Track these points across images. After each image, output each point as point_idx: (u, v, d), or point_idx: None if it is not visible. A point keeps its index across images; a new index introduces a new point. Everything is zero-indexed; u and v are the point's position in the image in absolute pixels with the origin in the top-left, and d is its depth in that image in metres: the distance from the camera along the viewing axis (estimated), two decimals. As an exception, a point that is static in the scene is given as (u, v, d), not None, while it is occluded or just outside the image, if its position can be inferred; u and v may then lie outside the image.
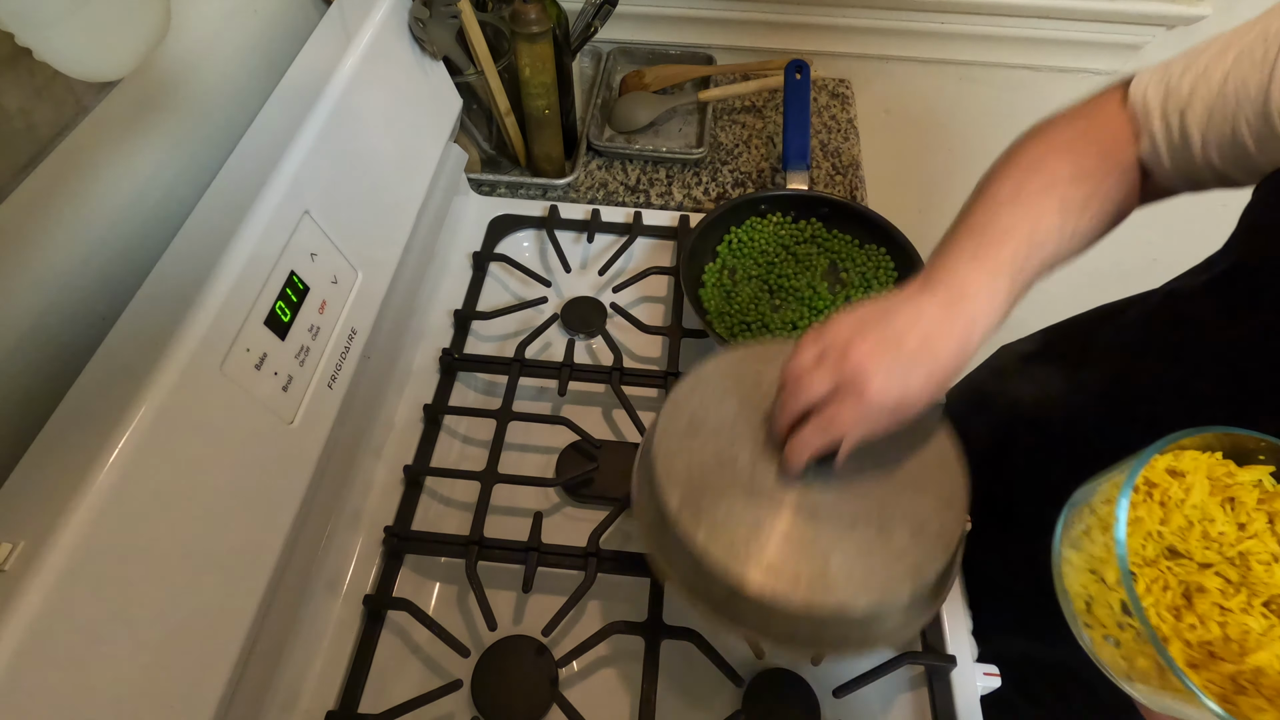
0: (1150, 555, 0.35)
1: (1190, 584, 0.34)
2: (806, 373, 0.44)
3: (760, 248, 0.76)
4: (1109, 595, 0.34)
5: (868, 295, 0.72)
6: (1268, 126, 0.43)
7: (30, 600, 0.33)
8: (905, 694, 0.56)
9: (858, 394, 0.42)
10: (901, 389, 0.42)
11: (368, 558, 0.60)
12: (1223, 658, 0.32)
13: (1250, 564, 0.34)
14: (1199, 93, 0.47)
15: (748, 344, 0.53)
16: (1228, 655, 0.32)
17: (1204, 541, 0.35)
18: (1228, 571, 0.34)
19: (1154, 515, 0.35)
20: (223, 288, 0.44)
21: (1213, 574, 0.34)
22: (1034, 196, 0.48)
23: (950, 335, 0.43)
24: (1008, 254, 0.46)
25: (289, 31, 0.67)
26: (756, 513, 0.45)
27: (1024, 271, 0.46)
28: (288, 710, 0.52)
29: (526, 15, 0.71)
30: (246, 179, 0.50)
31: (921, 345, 0.43)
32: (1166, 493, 0.36)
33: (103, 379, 0.41)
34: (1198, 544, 0.35)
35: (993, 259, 0.46)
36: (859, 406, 0.42)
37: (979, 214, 0.48)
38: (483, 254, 0.78)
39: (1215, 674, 0.32)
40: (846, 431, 0.43)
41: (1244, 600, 0.33)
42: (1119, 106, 0.52)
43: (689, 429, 0.48)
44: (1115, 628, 0.34)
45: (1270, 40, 0.43)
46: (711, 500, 0.45)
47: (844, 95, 1.01)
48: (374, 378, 0.63)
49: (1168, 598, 0.34)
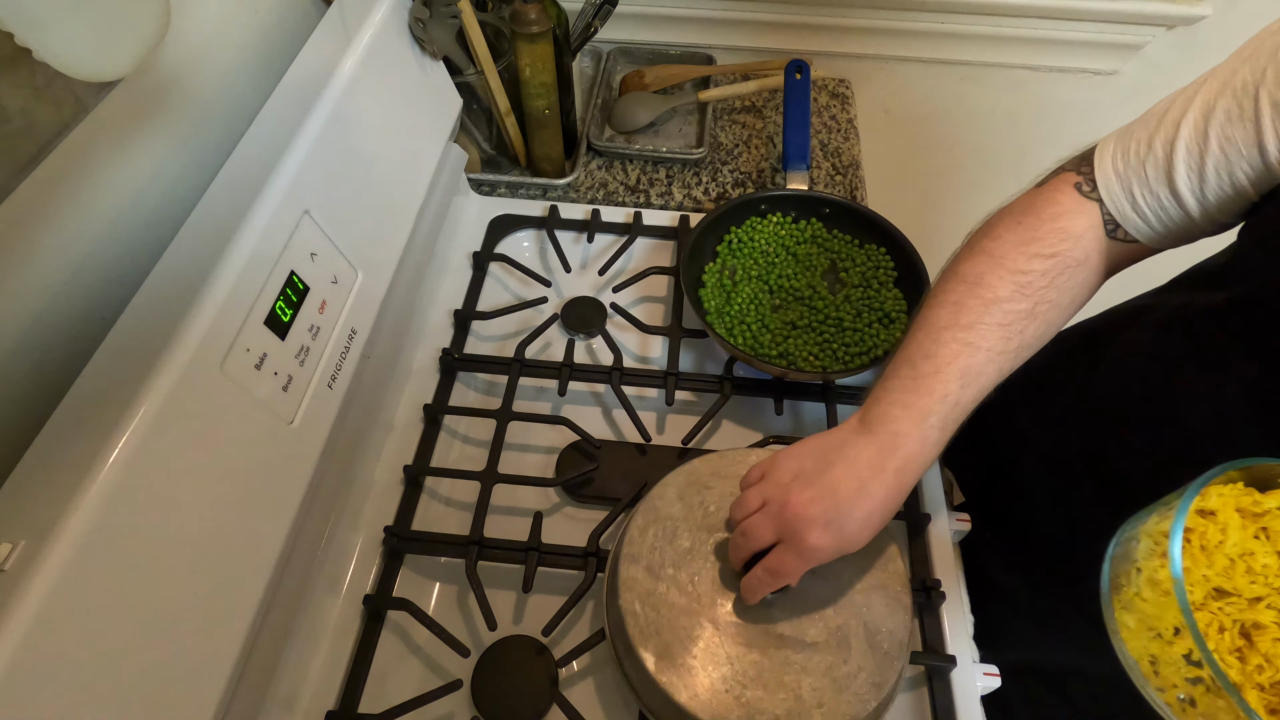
0: (1199, 600, 0.34)
1: (1245, 622, 0.33)
2: (752, 524, 0.48)
3: (760, 248, 0.76)
4: (1171, 650, 0.33)
5: (867, 295, 0.72)
6: (1270, 175, 0.43)
7: (30, 600, 0.33)
8: (905, 694, 0.56)
9: (798, 545, 0.45)
10: (838, 536, 0.45)
11: (368, 558, 0.60)
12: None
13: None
14: (1180, 154, 0.45)
15: (684, 468, 0.56)
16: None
17: (1249, 577, 0.34)
18: (1278, 603, 0.33)
19: (1197, 561, 0.35)
20: (223, 288, 0.44)
21: (1264, 607, 0.33)
22: (973, 320, 0.48)
23: (883, 480, 0.46)
24: (938, 394, 0.47)
25: (289, 32, 0.67)
26: (728, 649, 0.48)
27: (957, 408, 0.47)
28: (288, 710, 0.52)
29: (526, 15, 0.71)
30: (246, 179, 0.50)
31: (857, 492, 0.45)
32: (1205, 535, 0.35)
33: (103, 379, 0.41)
34: (1243, 580, 0.34)
35: (924, 401, 0.47)
36: (800, 555, 0.46)
37: (917, 343, 0.49)
38: (483, 254, 0.78)
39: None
40: (791, 576, 0.47)
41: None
42: (1072, 195, 0.50)
43: (649, 573, 0.51)
44: (1186, 684, 0.33)
45: (1239, 85, 0.43)
46: (683, 647, 0.48)
47: (844, 95, 1.01)
48: (374, 378, 0.63)
49: (1227, 640, 0.33)
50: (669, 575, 0.51)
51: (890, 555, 0.52)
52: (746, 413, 0.71)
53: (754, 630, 0.49)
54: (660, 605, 0.49)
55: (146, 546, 0.38)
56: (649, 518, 0.53)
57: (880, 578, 0.51)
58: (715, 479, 0.55)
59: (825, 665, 0.48)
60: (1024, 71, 1.07)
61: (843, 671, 0.48)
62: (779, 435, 0.65)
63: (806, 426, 0.70)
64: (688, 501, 0.54)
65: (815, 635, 0.49)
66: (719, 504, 0.53)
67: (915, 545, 0.61)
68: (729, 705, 0.46)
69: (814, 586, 0.51)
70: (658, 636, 0.48)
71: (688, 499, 0.54)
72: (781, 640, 0.49)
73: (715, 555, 0.51)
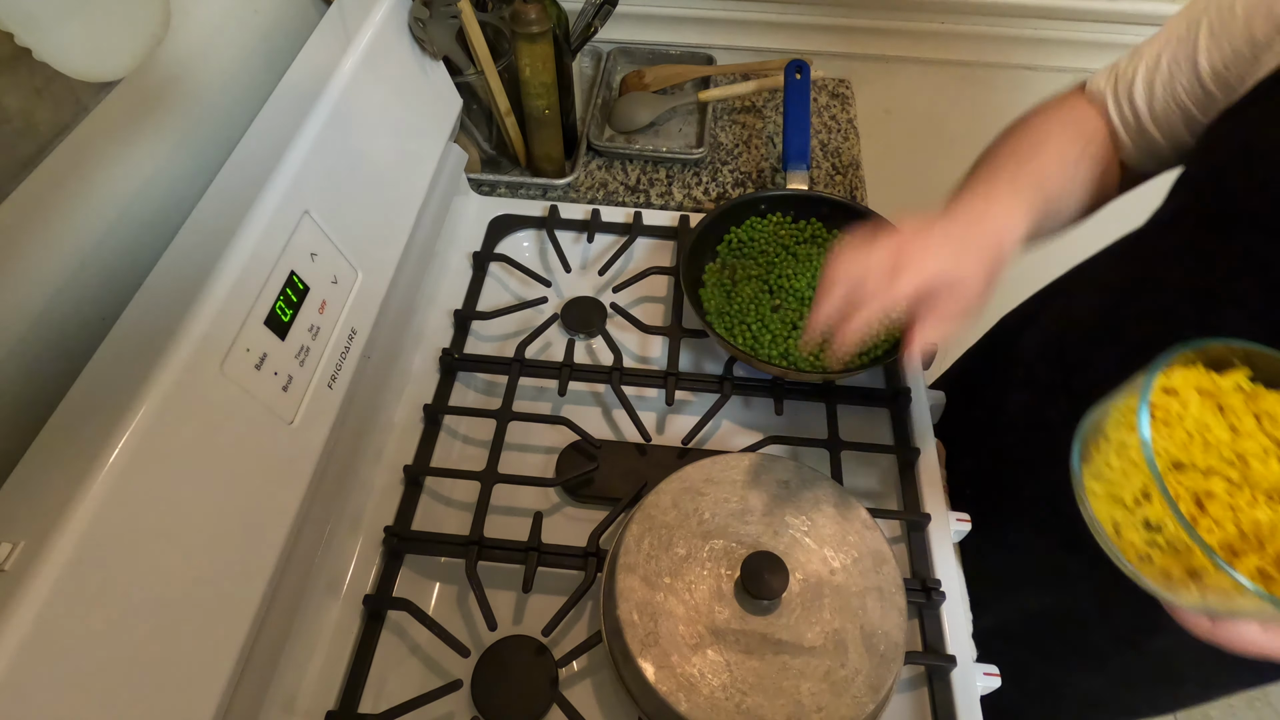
0: (1161, 470, 0.37)
1: (1199, 491, 0.36)
2: (861, 261, 0.47)
3: (760, 248, 0.76)
4: (1133, 517, 0.36)
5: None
6: (1204, 91, 0.52)
7: (30, 600, 0.33)
8: (905, 694, 0.56)
9: (916, 269, 0.46)
10: (955, 264, 0.46)
11: (368, 557, 0.60)
12: (1242, 553, 0.34)
13: (1249, 462, 0.37)
14: (1140, 73, 0.56)
15: (678, 474, 0.56)
16: (1246, 549, 0.34)
17: (1205, 450, 0.37)
18: (1229, 473, 0.36)
19: (1159, 434, 0.38)
20: (223, 288, 0.44)
21: (1218, 479, 0.36)
22: (1030, 151, 0.55)
23: (984, 239, 0.48)
24: (1019, 184, 0.52)
25: (289, 31, 0.67)
26: (727, 656, 0.48)
27: (1036, 197, 0.51)
28: (288, 710, 0.52)
29: (526, 15, 0.71)
30: (246, 179, 0.50)
31: (966, 231, 0.48)
32: (1167, 410, 0.38)
33: (103, 379, 0.41)
34: (1200, 454, 0.37)
35: (1005, 187, 0.52)
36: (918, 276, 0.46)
37: (981, 172, 0.54)
38: (483, 254, 0.78)
39: (1241, 569, 0.34)
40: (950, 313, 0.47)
41: (1249, 496, 0.36)
42: (1083, 98, 0.60)
43: (646, 582, 0.51)
44: (1145, 546, 0.36)
45: (1192, 18, 0.53)
46: (682, 656, 0.48)
47: (844, 95, 1.01)
48: (374, 378, 0.63)
49: (1183, 509, 0.35)
50: (665, 584, 0.51)
51: (884, 556, 0.52)
52: (746, 413, 0.71)
53: (752, 636, 0.49)
54: (658, 614, 0.49)
55: (146, 546, 0.38)
56: (644, 526, 0.53)
57: (875, 580, 0.51)
58: (709, 485, 0.55)
59: (823, 669, 0.48)
60: (1024, 71, 1.07)
61: (840, 675, 0.48)
62: (779, 435, 0.65)
63: (806, 426, 0.70)
64: (682, 509, 0.54)
65: (812, 639, 0.49)
66: (713, 510, 0.53)
67: (915, 545, 0.61)
68: (729, 713, 0.46)
69: (806, 589, 0.51)
70: (656, 646, 0.48)
71: (682, 506, 0.54)
72: (779, 646, 0.49)
73: (711, 561, 0.51)
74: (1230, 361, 0.40)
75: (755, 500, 0.54)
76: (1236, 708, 1.40)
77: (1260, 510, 0.35)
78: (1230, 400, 0.39)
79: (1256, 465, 0.37)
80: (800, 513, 0.53)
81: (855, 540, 0.52)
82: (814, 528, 0.53)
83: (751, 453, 0.59)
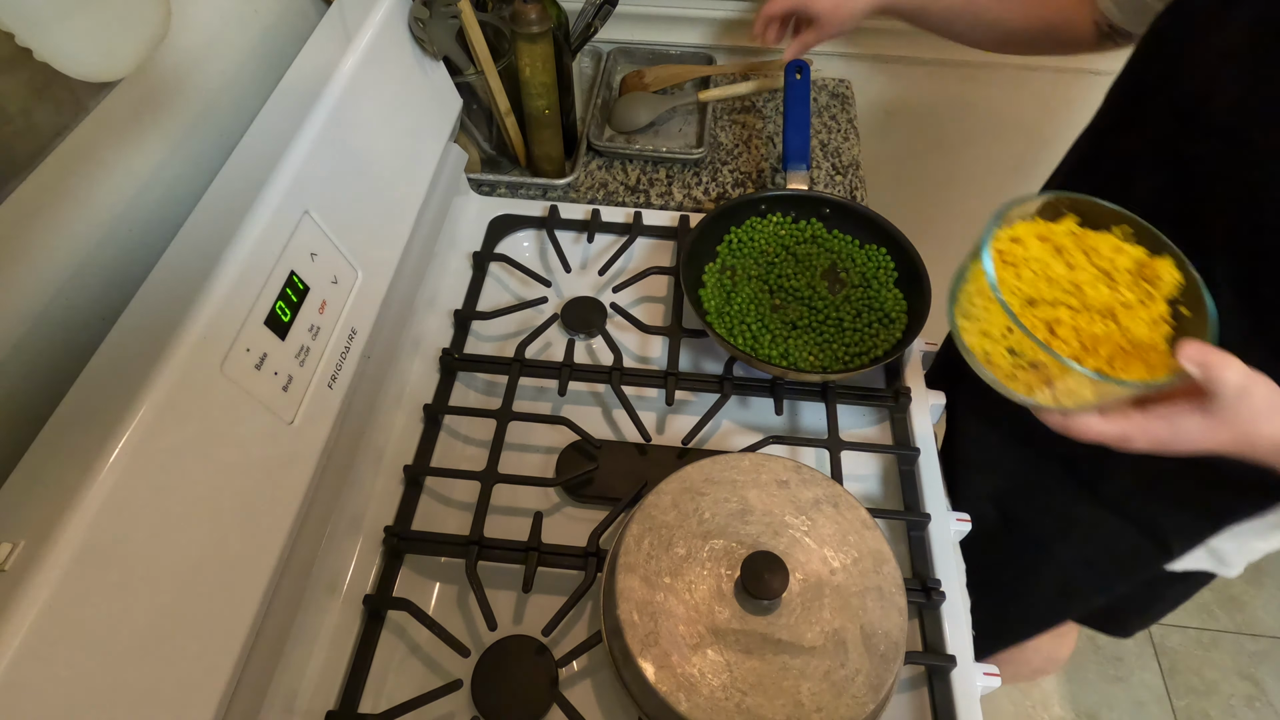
0: (1016, 309, 0.45)
1: (1049, 320, 0.45)
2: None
3: (760, 248, 0.76)
4: (999, 346, 0.45)
5: (867, 295, 0.72)
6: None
7: (30, 600, 0.33)
8: (905, 694, 0.56)
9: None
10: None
11: (368, 557, 0.60)
12: (1083, 360, 0.43)
13: (1084, 290, 0.46)
14: None
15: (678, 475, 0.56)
16: (1086, 357, 0.44)
17: (1049, 285, 0.46)
18: (1070, 301, 0.45)
19: (1010, 274, 0.46)
20: (223, 288, 0.44)
21: (1063, 308, 0.45)
22: None
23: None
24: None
25: (289, 32, 0.67)
26: (727, 656, 0.48)
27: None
28: (288, 710, 0.52)
29: (526, 15, 0.71)
30: (246, 179, 0.50)
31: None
32: (1014, 254, 0.47)
33: (103, 379, 0.41)
34: (1045, 289, 0.46)
35: None
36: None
37: None
38: (483, 254, 0.78)
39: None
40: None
41: (1087, 318, 0.45)
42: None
43: (646, 582, 0.51)
44: (1011, 368, 0.45)
45: None
46: (682, 656, 0.48)
47: (844, 95, 1.01)
48: (374, 377, 0.63)
49: (1039, 336, 0.44)
50: (665, 584, 0.51)
51: (884, 556, 0.52)
52: (746, 413, 0.71)
53: (752, 637, 0.49)
54: (658, 614, 0.49)
55: (147, 546, 0.38)
56: (644, 526, 0.53)
57: (875, 580, 0.51)
58: (709, 485, 0.54)
59: (823, 669, 0.48)
60: (1024, 71, 1.07)
61: (840, 675, 0.48)
62: (779, 435, 0.65)
63: (806, 426, 0.70)
64: (682, 509, 0.54)
65: (813, 639, 0.49)
66: (713, 510, 0.53)
67: (915, 545, 0.61)
68: (729, 713, 0.46)
69: (810, 590, 0.51)
70: (656, 646, 0.48)
71: (682, 506, 0.54)
72: (779, 646, 0.49)
73: (711, 561, 0.51)
74: (1061, 211, 0.48)
75: (755, 500, 0.54)
76: (1236, 708, 1.40)
77: (1096, 325, 0.45)
78: (1064, 242, 0.47)
79: (1089, 291, 0.46)
80: (800, 513, 0.53)
81: (855, 540, 0.52)
82: (814, 528, 0.53)
83: (751, 453, 0.59)
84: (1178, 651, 1.46)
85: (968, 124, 1.15)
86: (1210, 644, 1.47)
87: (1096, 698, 1.41)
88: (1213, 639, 1.47)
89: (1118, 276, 0.46)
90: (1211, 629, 1.48)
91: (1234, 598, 1.52)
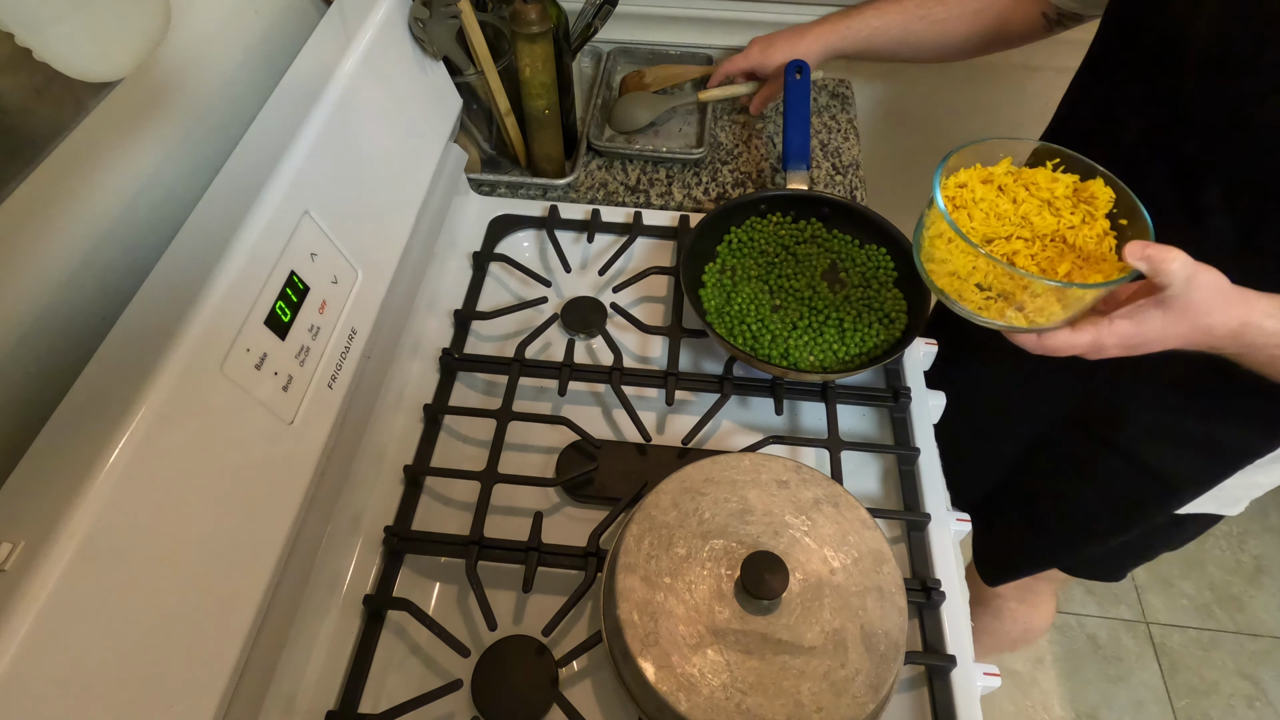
0: (971, 237, 0.50)
1: (1008, 253, 0.50)
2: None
3: (760, 248, 0.76)
4: (967, 284, 0.50)
5: (867, 295, 0.72)
6: None
7: (30, 600, 0.33)
8: (905, 694, 0.56)
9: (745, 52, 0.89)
10: (762, 54, 0.88)
11: (368, 558, 0.60)
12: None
13: (1031, 220, 0.51)
14: None
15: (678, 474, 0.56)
16: (1044, 278, 0.48)
17: (1000, 222, 0.52)
18: (1022, 233, 0.51)
19: (963, 218, 0.52)
20: (223, 288, 0.44)
21: (1017, 241, 0.51)
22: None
23: (783, 40, 0.86)
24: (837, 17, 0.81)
25: (289, 31, 0.67)
26: (727, 656, 0.48)
27: (849, 26, 0.83)
28: (288, 710, 0.52)
29: (526, 15, 0.71)
30: (246, 179, 0.50)
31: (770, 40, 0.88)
32: (963, 198, 0.53)
33: (103, 379, 0.41)
34: (998, 226, 0.52)
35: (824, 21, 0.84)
36: (745, 55, 0.89)
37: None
38: (483, 254, 0.78)
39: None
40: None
41: (1040, 244, 0.51)
42: None
43: (646, 582, 0.51)
44: (981, 300, 0.51)
45: None
46: (683, 656, 0.48)
47: (844, 95, 1.01)
48: (374, 378, 0.63)
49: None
50: (665, 584, 0.51)
51: (884, 556, 0.52)
52: (746, 413, 0.71)
53: (752, 637, 0.49)
54: (658, 614, 0.49)
55: (147, 546, 0.38)
56: (644, 526, 0.53)
57: (875, 580, 0.51)
58: (709, 485, 0.54)
59: (823, 669, 0.48)
60: (1024, 71, 1.07)
61: (840, 675, 0.48)
62: (779, 435, 0.65)
63: (806, 426, 0.70)
64: (682, 508, 0.54)
65: (813, 639, 0.49)
66: (713, 510, 0.53)
67: (915, 545, 0.61)
68: (729, 713, 0.46)
69: (806, 589, 0.51)
70: (656, 646, 0.48)
71: (682, 506, 0.54)
72: (779, 646, 0.49)
73: (711, 561, 0.51)
74: (996, 157, 0.54)
75: (755, 500, 0.54)
76: (1237, 708, 1.40)
77: (1050, 250, 0.50)
78: (1005, 181, 0.53)
79: (1037, 220, 0.51)
80: (800, 513, 0.53)
81: (855, 540, 0.52)
82: (814, 528, 0.53)
83: (751, 453, 0.59)
84: (1178, 651, 1.46)
85: (968, 124, 1.15)
86: (1210, 644, 1.47)
87: (1097, 698, 1.41)
88: (1213, 639, 1.47)
89: (1058, 204, 0.52)
90: (1211, 629, 1.48)
91: (1234, 597, 1.52)
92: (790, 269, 0.74)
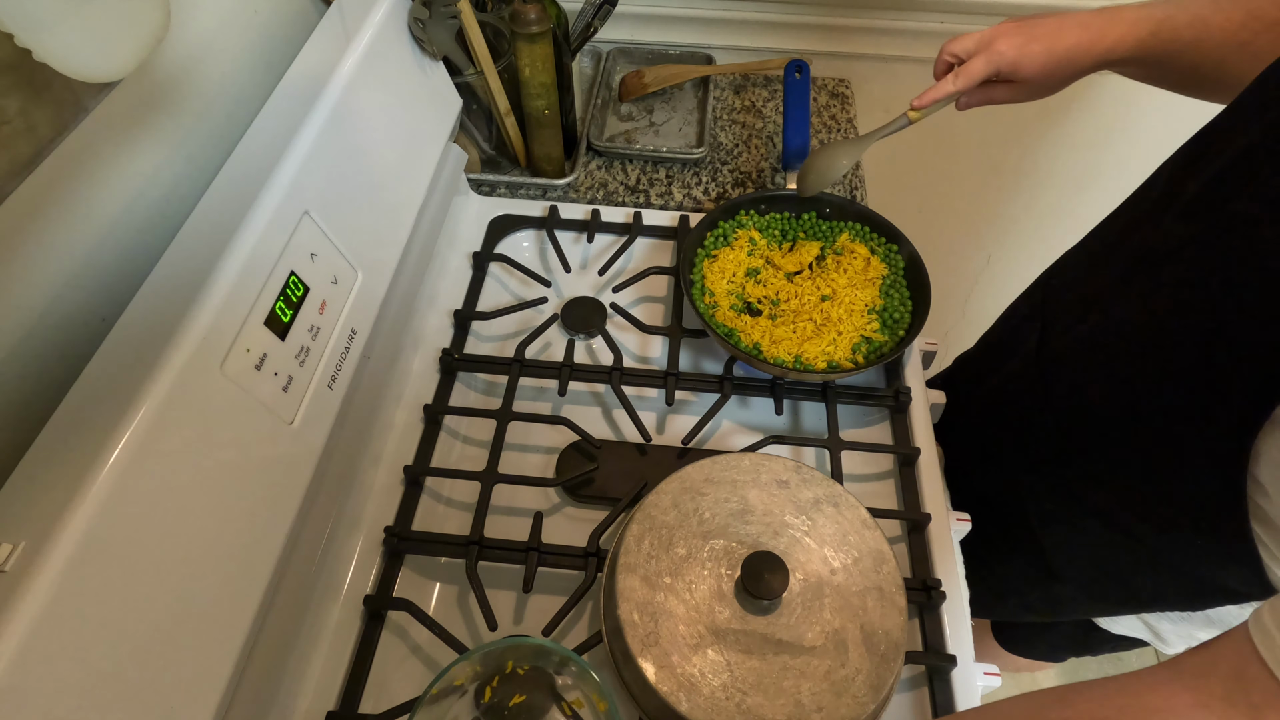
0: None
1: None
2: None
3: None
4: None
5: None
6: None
7: (31, 601, 0.32)
8: (906, 693, 0.56)
9: (989, 48, 0.62)
10: (1019, 51, 0.61)
11: (368, 558, 0.60)
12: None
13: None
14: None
15: (678, 475, 0.56)
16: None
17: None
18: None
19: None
20: (223, 288, 0.44)
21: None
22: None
23: (1079, 30, 0.60)
24: None
25: (289, 32, 0.67)
26: (728, 656, 0.48)
27: None
28: (288, 710, 0.52)
29: (526, 15, 0.71)
30: (246, 179, 0.50)
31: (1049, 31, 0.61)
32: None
33: (103, 379, 0.41)
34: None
35: None
36: (988, 56, 0.62)
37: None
38: (483, 254, 0.78)
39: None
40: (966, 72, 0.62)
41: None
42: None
43: (646, 582, 0.51)
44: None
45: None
46: (683, 656, 0.48)
47: (844, 95, 1.01)
48: (374, 378, 0.63)
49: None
50: (666, 584, 0.51)
51: (884, 556, 0.52)
52: (746, 413, 0.71)
53: (752, 636, 0.49)
54: (658, 614, 0.49)
55: (147, 547, 0.38)
56: (644, 526, 0.53)
57: (875, 580, 0.51)
58: (709, 485, 0.54)
59: (824, 669, 0.48)
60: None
61: (841, 675, 0.48)
62: (779, 435, 0.65)
63: (806, 426, 0.70)
64: (682, 509, 0.54)
65: (813, 639, 0.49)
66: (713, 510, 0.53)
67: (915, 545, 0.61)
68: (730, 713, 0.46)
69: (808, 590, 0.51)
70: (657, 646, 0.48)
71: (682, 506, 0.54)
72: (780, 646, 0.49)
73: (711, 561, 0.51)
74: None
75: (755, 500, 0.54)
76: (1237, 707, 1.39)
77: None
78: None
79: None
80: (800, 513, 0.53)
81: (855, 540, 0.52)
82: (814, 528, 0.53)
83: (751, 453, 0.59)
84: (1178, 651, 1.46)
85: (968, 124, 1.15)
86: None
87: (1097, 697, 1.40)
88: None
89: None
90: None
91: (1234, 597, 1.52)
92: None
